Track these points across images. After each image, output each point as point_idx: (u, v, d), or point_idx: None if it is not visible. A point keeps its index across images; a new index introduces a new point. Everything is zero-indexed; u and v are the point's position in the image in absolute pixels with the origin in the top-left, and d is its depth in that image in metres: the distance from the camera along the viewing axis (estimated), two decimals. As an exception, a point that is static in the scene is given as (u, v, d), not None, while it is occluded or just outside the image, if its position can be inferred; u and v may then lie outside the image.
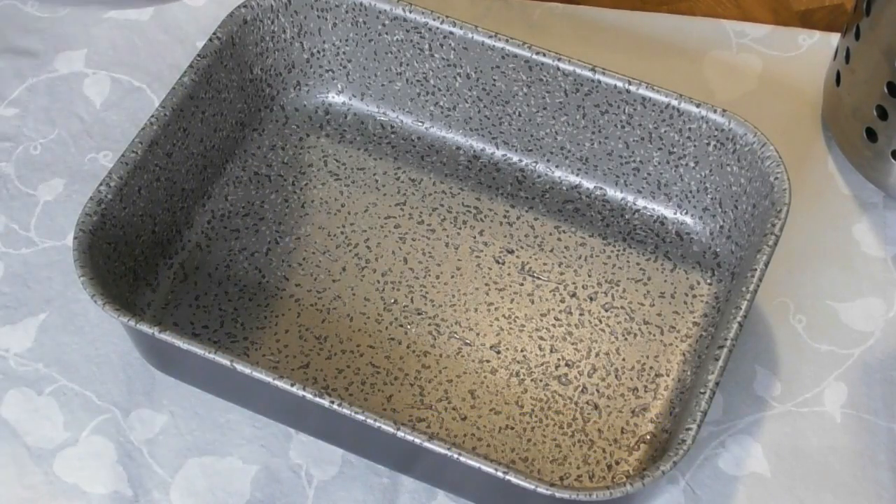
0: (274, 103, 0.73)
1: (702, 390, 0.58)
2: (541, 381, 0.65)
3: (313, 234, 0.69)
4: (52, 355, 0.67)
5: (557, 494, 0.55)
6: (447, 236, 0.69)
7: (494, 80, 0.69)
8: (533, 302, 0.67)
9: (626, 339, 0.66)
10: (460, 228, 0.70)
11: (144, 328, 0.59)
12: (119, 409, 0.65)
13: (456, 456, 0.56)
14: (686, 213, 0.70)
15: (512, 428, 0.64)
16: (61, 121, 0.75)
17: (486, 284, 0.68)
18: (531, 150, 0.71)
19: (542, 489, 0.55)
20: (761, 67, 0.77)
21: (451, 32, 0.68)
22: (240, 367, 0.58)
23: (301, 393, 0.57)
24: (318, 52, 0.72)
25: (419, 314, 0.67)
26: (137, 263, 0.66)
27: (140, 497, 0.63)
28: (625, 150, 0.69)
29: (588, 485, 0.62)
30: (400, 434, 0.56)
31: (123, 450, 0.64)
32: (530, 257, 0.69)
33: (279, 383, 0.57)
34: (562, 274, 0.68)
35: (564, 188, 0.71)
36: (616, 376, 0.65)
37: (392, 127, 0.73)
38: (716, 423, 0.65)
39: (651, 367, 0.65)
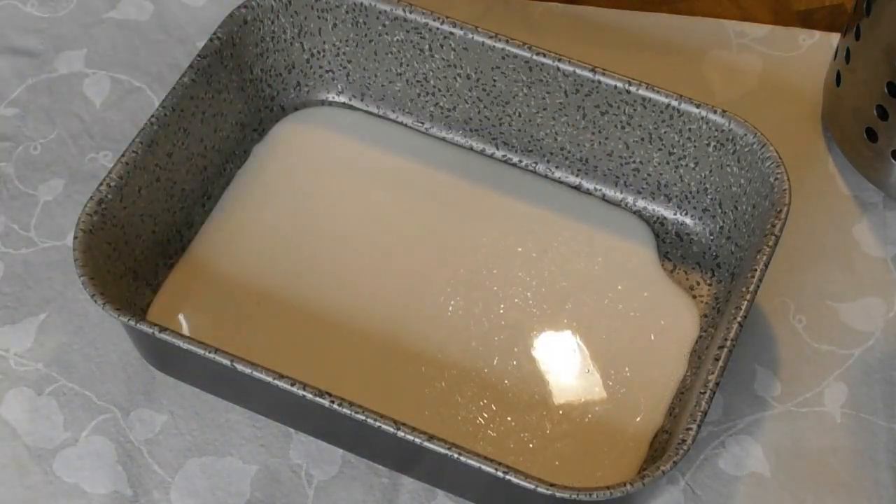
0: (274, 103, 0.73)
1: (702, 390, 0.58)
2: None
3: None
4: (52, 355, 0.67)
5: (557, 494, 0.55)
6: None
7: (494, 80, 0.69)
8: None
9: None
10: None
11: (144, 328, 0.59)
12: (119, 409, 0.65)
13: (456, 456, 0.56)
14: (686, 213, 0.70)
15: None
16: (61, 121, 0.75)
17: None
18: (531, 151, 0.71)
19: (542, 489, 0.55)
20: (761, 67, 0.77)
21: (452, 33, 0.68)
22: (240, 367, 0.58)
23: (301, 393, 0.57)
24: (318, 52, 0.72)
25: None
26: (137, 263, 0.66)
27: (140, 497, 0.63)
28: (625, 150, 0.69)
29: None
30: (400, 434, 0.56)
31: (123, 450, 0.64)
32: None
33: (279, 383, 0.57)
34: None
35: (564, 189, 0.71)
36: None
37: (392, 128, 0.73)
38: (716, 423, 0.65)
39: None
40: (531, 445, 0.63)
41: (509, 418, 0.64)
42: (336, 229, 0.69)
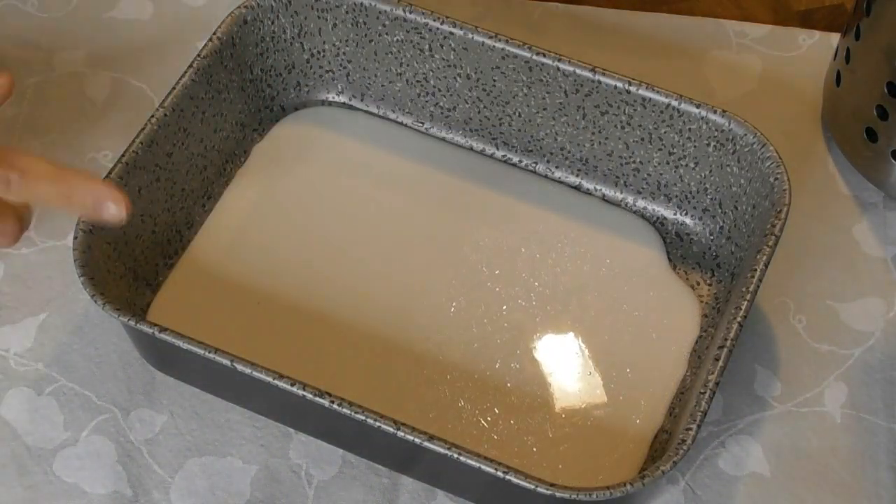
0: (274, 103, 0.73)
1: (702, 390, 0.58)
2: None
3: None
4: (52, 355, 0.67)
5: (557, 494, 0.55)
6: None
7: (494, 80, 0.69)
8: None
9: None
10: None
11: (144, 328, 0.59)
12: (119, 409, 0.65)
13: (456, 456, 0.56)
14: (686, 213, 0.70)
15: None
16: (61, 120, 0.75)
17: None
18: (531, 151, 0.71)
19: (542, 489, 0.55)
20: (761, 67, 0.77)
21: (452, 33, 0.68)
22: (240, 367, 0.58)
23: (301, 393, 0.57)
24: (318, 52, 0.72)
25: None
26: (137, 263, 0.66)
27: (140, 497, 0.63)
28: (625, 150, 0.69)
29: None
30: (400, 434, 0.56)
31: (123, 450, 0.64)
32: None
33: (279, 383, 0.57)
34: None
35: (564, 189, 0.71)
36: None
37: (392, 128, 0.73)
38: (716, 423, 0.65)
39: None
40: (535, 449, 0.63)
41: (512, 421, 0.63)
42: (336, 230, 0.69)
